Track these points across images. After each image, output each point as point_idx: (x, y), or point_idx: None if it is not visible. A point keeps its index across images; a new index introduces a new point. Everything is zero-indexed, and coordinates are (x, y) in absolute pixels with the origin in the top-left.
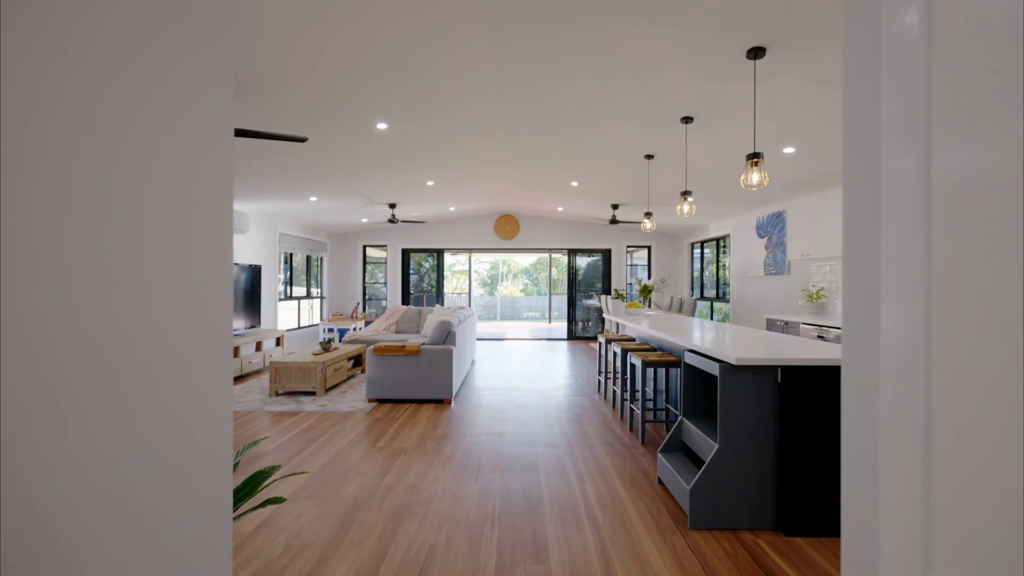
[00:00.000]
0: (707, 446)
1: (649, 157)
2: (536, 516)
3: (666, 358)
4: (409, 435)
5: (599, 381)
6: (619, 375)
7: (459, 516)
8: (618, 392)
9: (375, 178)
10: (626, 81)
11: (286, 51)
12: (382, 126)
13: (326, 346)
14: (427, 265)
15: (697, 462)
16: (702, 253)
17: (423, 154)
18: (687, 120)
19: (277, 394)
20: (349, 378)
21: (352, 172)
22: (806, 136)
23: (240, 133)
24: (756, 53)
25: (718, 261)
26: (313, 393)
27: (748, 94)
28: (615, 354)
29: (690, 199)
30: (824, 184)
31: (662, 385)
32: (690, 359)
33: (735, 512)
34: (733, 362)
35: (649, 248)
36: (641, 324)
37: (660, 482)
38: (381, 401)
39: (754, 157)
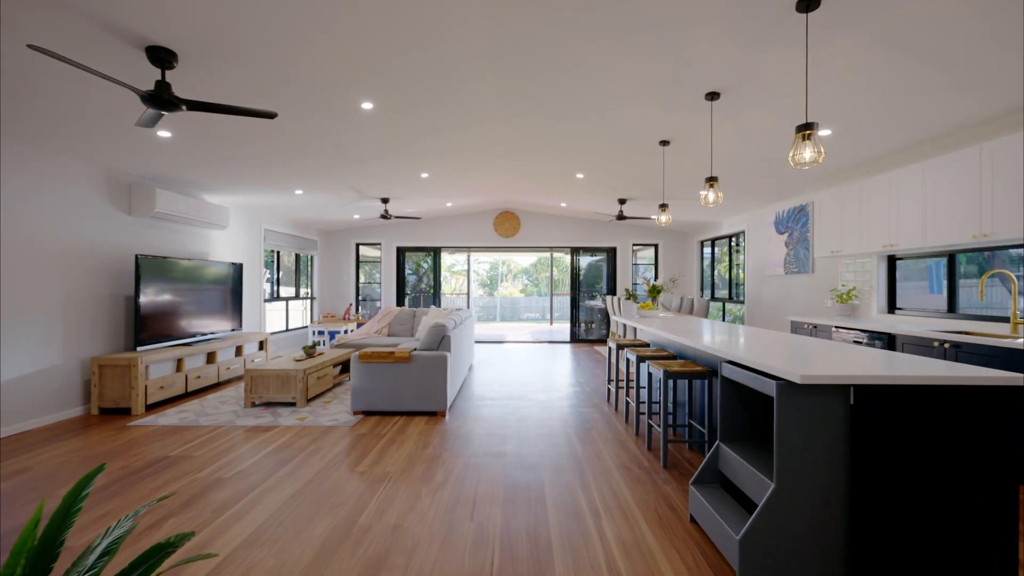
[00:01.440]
0: (757, 483)
1: (664, 143)
2: (545, 572)
3: (691, 368)
4: (396, 455)
5: (608, 390)
6: (633, 385)
7: (449, 572)
8: (632, 404)
9: (365, 169)
10: (645, 49)
11: (253, 12)
12: (367, 105)
13: (310, 351)
14: (425, 266)
15: (741, 499)
16: (712, 251)
17: (415, 142)
18: (712, 96)
19: (253, 405)
20: (335, 386)
21: (339, 162)
22: (848, 115)
23: (196, 106)
24: (809, 4)
25: (731, 259)
26: (293, 404)
27: (785, 63)
28: (628, 362)
29: (716, 186)
30: (857, 173)
31: (683, 396)
32: (730, 372)
33: (797, 569)
34: (797, 380)
35: (656, 246)
36: (654, 327)
37: (693, 520)
38: (367, 414)
39: (806, 129)
